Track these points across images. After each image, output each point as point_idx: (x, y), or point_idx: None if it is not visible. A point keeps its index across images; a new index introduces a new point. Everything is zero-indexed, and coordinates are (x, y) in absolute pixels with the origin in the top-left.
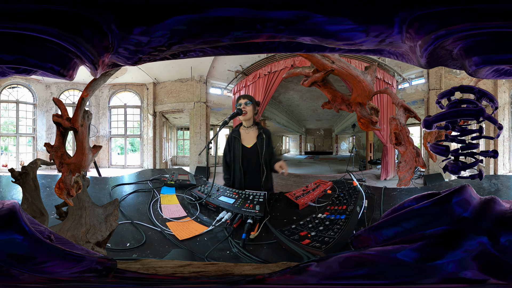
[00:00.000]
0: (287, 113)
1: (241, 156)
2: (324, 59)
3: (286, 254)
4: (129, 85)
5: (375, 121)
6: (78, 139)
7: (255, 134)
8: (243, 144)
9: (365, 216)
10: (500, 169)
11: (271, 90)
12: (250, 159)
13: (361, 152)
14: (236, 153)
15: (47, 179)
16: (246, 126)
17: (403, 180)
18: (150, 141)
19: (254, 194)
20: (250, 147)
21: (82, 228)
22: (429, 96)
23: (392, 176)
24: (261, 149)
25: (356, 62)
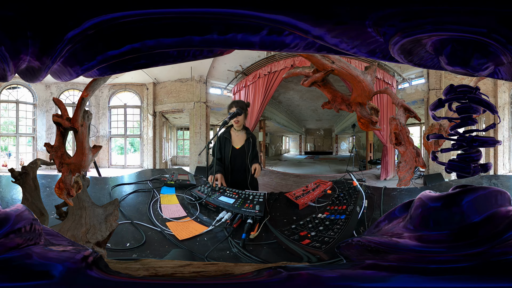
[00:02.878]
0: (287, 113)
1: (230, 155)
2: (324, 59)
3: (286, 254)
4: (129, 85)
5: (375, 121)
6: (78, 139)
7: (243, 137)
8: (233, 145)
9: (365, 216)
10: (500, 169)
11: (271, 90)
12: (237, 159)
13: (361, 152)
14: (226, 152)
15: (47, 179)
16: (236, 129)
17: (403, 180)
18: (150, 141)
19: (254, 194)
20: (238, 148)
21: (82, 228)
22: (429, 96)
23: (392, 176)
24: (248, 151)
25: (356, 62)
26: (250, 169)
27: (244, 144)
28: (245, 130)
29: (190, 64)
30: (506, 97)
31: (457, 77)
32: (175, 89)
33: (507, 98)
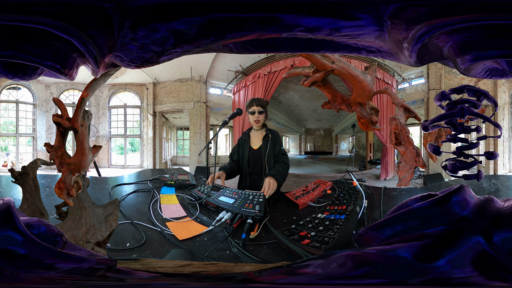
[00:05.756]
0: (287, 113)
1: (247, 157)
2: (324, 59)
3: (286, 254)
4: (129, 85)
5: (375, 121)
6: (78, 139)
7: (262, 135)
8: (251, 145)
9: (365, 216)
10: (500, 169)
11: (271, 90)
12: (256, 161)
13: (361, 152)
14: (244, 154)
15: (47, 179)
16: (256, 129)
17: (403, 180)
18: (150, 141)
19: (254, 194)
20: (256, 148)
21: (82, 228)
22: (429, 96)
23: (392, 176)
24: (265, 150)
25: (356, 62)
26: (268, 171)
27: (262, 144)
28: (264, 127)
29: (190, 64)
30: (506, 97)
31: (457, 77)
32: (175, 89)
33: (507, 98)
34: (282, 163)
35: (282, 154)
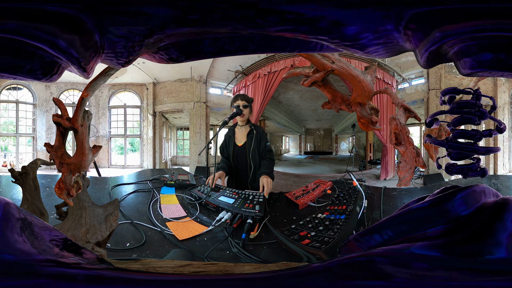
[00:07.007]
0: (287, 113)
1: (232, 154)
2: (324, 59)
3: (286, 254)
4: (129, 85)
5: (375, 121)
6: (78, 139)
7: (246, 131)
8: (235, 142)
9: (365, 216)
10: (500, 169)
11: (271, 90)
12: (240, 157)
13: (361, 152)
14: (229, 151)
15: (47, 179)
16: (240, 125)
17: (403, 180)
18: (150, 141)
19: (254, 194)
20: (241, 145)
21: (82, 228)
22: (429, 96)
23: (392, 176)
24: (249, 147)
25: (356, 62)
26: (253, 168)
27: (246, 140)
28: (248, 124)
29: (190, 64)
30: (506, 97)
31: (457, 77)
32: (175, 89)
33: (507, 98)
34: (269, 159)
35: (268, 150)
